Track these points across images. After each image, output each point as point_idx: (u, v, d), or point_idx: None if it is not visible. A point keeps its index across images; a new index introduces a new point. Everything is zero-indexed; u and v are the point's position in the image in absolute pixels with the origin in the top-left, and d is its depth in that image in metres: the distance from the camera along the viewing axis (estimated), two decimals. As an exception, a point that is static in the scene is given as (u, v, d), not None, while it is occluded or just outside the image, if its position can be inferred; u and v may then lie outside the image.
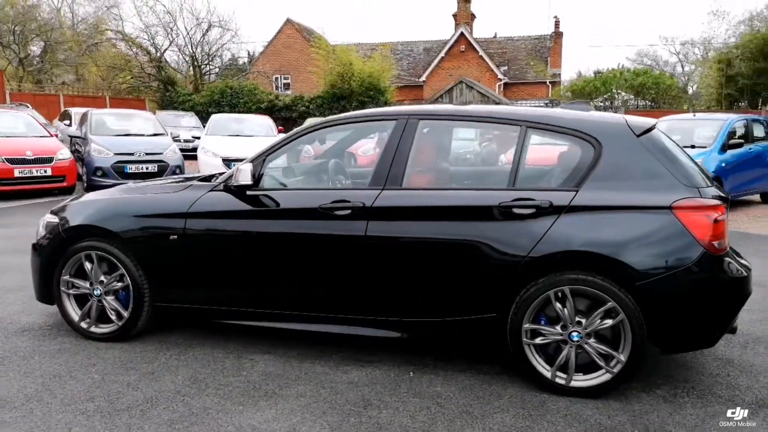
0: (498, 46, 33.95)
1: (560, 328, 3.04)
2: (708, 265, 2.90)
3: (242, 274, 3.53)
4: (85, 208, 3.83)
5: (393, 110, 3.56)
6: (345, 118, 3.65)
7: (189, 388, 3.16)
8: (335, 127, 3.69)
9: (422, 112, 3.43)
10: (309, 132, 3.60)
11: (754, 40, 19.25)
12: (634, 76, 22.86)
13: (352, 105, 23.54)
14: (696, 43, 40.69)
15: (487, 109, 3.60)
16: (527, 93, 31.41)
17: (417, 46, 36.53)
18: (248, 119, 14.47)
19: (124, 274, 3.67)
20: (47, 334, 3.92)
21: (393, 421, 2.83)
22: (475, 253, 3.11)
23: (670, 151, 3.12)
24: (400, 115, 3.43)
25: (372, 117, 3.72)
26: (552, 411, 2.92)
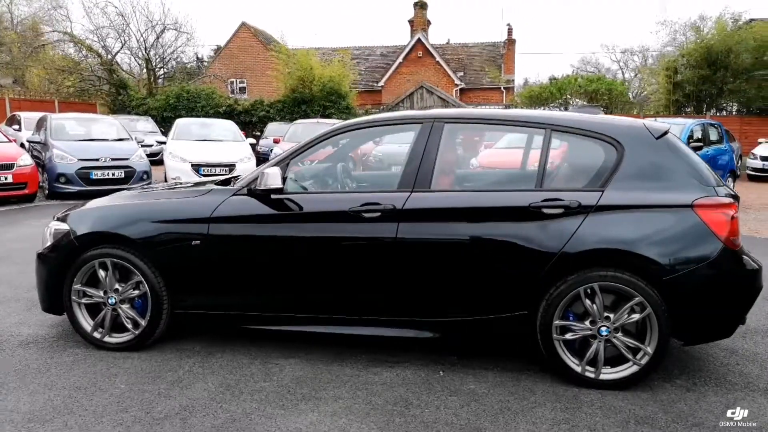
0: (453, 52, 34.49)
1: (589, 323, 3.16)
2: (727, 260, 3.08)
3: (270, 279, 3.50)
4: (100, 215, 3.72)
5: (417, 114, 3.63)
6: (369, 122, 3.68)
7: (223, 395, 3.12)
8: (360, 130, 3.72)
9: (447, 116, 3.51)
10: (334, 135, 3.61)
11: (698, 49, 20.30)
12: (588, 82, 23.72)
13: (313, 109, 23.42)
14: (635, 51, 42.55)
15: (511, 112, 3.70)
16: (483, 98, 32.00)
17: (374, 51, 36.70)
18: (214, 124, 14.22)
19: (141, 281, 3.58)
20: (55, 345, 3.78)
21: (438, 419, 2.88)
22: (507, 252, 3.20)
23: (685, 153, 3.30)
24: (426, 118, 3.49)
25: (397, 120, 3.76)
26: (586, 403, 3.03)
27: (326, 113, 23.04)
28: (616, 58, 59.01)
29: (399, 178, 3.43)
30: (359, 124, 3.67)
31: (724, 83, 19.78)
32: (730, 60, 19.71)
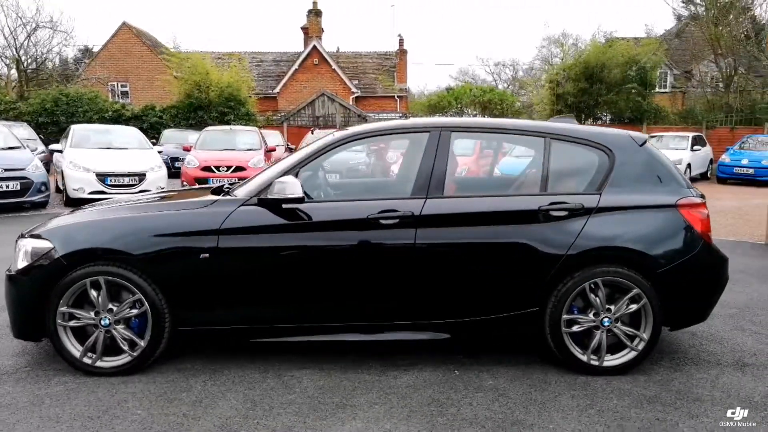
0: (348, 60, 34.86)
1: (593, 315, 3.46)
2: (706, 253, 3.52)
3: (284, 290, 3.44)
4: (92, 230, 3.44)
5: (424, 122, 3.74)
6: (376, 130, 3.73)
7: (254, 411, 3.04)
8: (367, 138, 3.76)
9: (455, 125, 3.66)
10: (343, 143, 3.63)
11: (577, 64, 22.25)
12: (482, 92, 25.09)
13: (210, 116, 22.60)
14: (507, 63, 45.75)
15: (512, 122, 3.92)
16: (377, 106, 32.63)
17: (266, 57, 36.10)
18: (116, 131, 13.31)
19: (140, 299, 3.37)
20: (35, 375, 3.44)
21: (477, 415, 3.01)
22: (520, 253, 3.42)
23: (663, 158, 3.71)
24: (433, 127, 3.62)
25: (407, 129, 3.84)
26: (598, 389, 3.31)
27: (225, 120, 22.35)
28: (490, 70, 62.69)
29: (412, 185, 3.53)
30: (371, 132, 3.71)
31: (599, 95, 21.81)
32: (604, 74, 21.78)
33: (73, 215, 3.74)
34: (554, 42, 30.28)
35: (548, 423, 2.93)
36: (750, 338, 4.14)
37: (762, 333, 4.25)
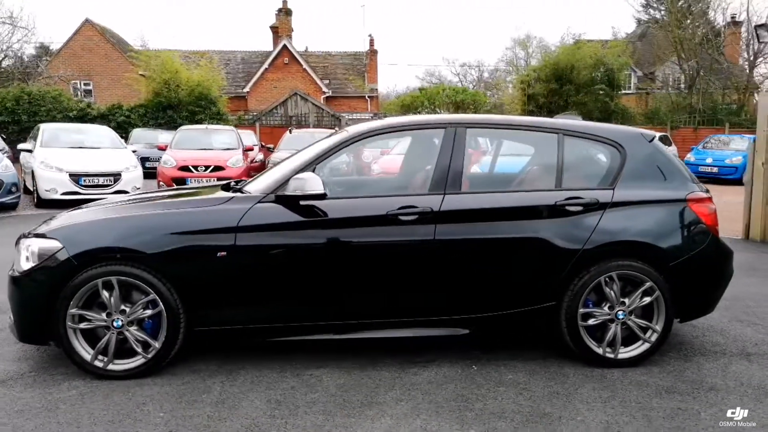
0: (318, 60, 34.68)
1: (608, 308, 3.51)
2: (714, 246, 3.62)
3: (304, 287, 3.40)
4: (103, 229, 3.32)
5: (439, 119, 3.75)
6: (392, 126, 3.71)
7: (279, 411, 2.99)
8: (383, 135, 3.73)
9: (469, 121, 3.67)
10: (358, 139, 3.60)
11: (547, 66, 22.65)
12: (455, 93, 25.30)
13: (180, 115, 22.18)
14: (472, 65, 46.38)
15: (526, 119, 3.96)
16: (348, 106, 32.55)
17: (234, 55, 35.62)
18: (88, 130, 12.93)
19: (155, 299, 3.28)
20: (43, 380, 3.32)
21: (505, 409, 3.03)
22: (538, 248, 3.45)
23: (670, 154, 3.80)
24: (449, 123, 3.63)
25: (422, 125, 3.83)
26: (616, 381, 3.37)
27: (196, 119, 21.97)
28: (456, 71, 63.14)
29: (430, 181, 3.52)
30: (381, 129, 3.69)
31: (569, 96, 22.24)
32: (573, 76, 22.22)
33: (79, 214, 3.61)
34: (519, 44, 30.92)
35: (575, 415, 2.96)
36: (748, 329, 4.28)
37: (759, 324, 4.39)
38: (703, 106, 22.52)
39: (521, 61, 45.37)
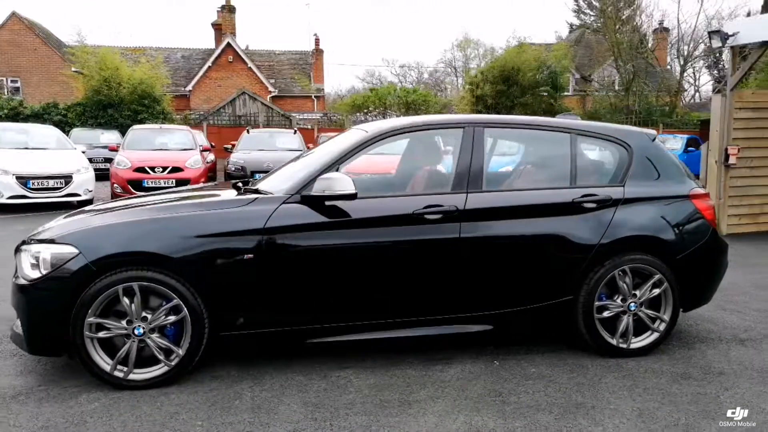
0: (263, 59, 34.09)
1: (620, 300, 3.67)
2: (714, 240, 3.85)
3: (333, 288, 3.37)
4: (123, 232, 3.17)
5: (458, 118, 3.78)
6: (413, 126, 3.72)
7: (320, 413, 2.95)
8: (403, 134, 3.72)
9: (486, 121, 3.73)
10: (379, 139, 3.58)
11: (495, 68, 23.19)
12: (406, 93, 25.48)
13: (122, 114, 21.31)
14: (412, 66, 47.06)
15: (539, 119, 4.04)
16: (294, 106, 32.18)
17: (173, 53, 34.50)
18: (32, 130, 12.18)
19: (179, 304, 3.17)
20: (56, 394, 3.14)
21: (539, 401, 3.11)
22: (558, 243, 3.56)
23: (670, 153, 4.00)
24: (467, 123, 3.68)
25: (443, 124, 3.84)
26: (633, 370, 3.52)
27: (138, 118, 21.16)
28: (396, 72, 63.55)
29: (452, 180, 3.56)
30: (402, 129, 3.69)
31: (515, 97, 22.86)
32: (519, 77, 22.86)
33: (89, 218, 3.43)
34: (458, 46, 31.48)
35: (607, 404, 3.08)
36: (734, 316, 4.56)
37: (742, 311, 4.69)
38: (639, 107, 23.69)
39: (459, 63, 46.41)
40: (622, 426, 2.85)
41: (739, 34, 7.66)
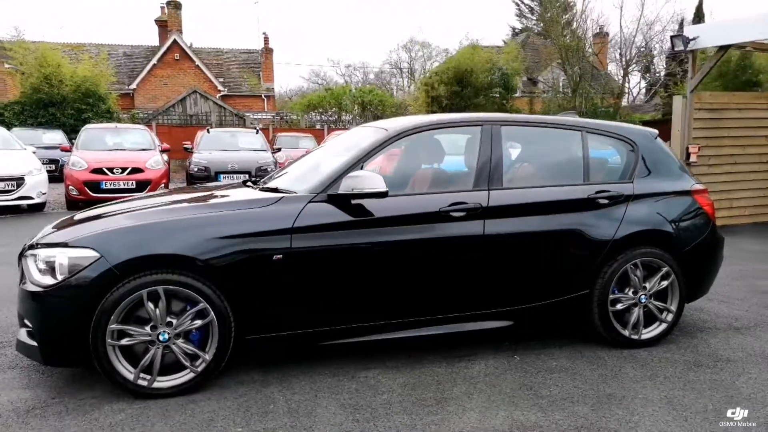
0: (210, 57, 33.27)
1: (632, 293, 3.79)
2: (714, 233, 4.03)
3: (359, 288, 3.32)
4: (148, 234, 3.02)
5: (475, 117, 3.80)
6: (432, 123, 3.71)
7: (360, 414, 2.91)
8: (422, 132, 3.70)
9: (502, 119, 3.77)
10: (401, 136, 3.55)
11: (449, 69, 23.50)
12: (362, 93, 25.44)
13: (65, 113, 20.34)
14: (357, 66, 47.24)
15: (551, 117, 4.11)
16: (244, 106, 31.57)
17: (115, 50, 33.18)
18: (-25, 129, 11.46)
19: (205, 308, 3.05)
20: (75, 407, 2.96)
21: (570, 393, 3.17)
22: (576, 239, 3.64)
23: (670, 151, 4.16)
24: (485, 121, 3.71)
25: (462, 122, 3.83)
26: (648, 360, 3.64)
27: (83, 118, 20.25)
28: (341, 72, 63.36)
29: (473, 177, 3.59)
30: (426, 125, 3.68)
31: (469, 98, 23.25)
32: (472, 79, 23.26)
33: (109, 220, 3.24)
34: (403, 47, 31.77)
35: (635, 394, 3.17)
36: (722, 306, 4.80)
37: (728, 302, 4.93)
38: (586, 109, 24.52)
39: (405, 64, 46.76)
40: (656, 414, 2.94)
41: (699, 38, 8.07)
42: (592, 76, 25.54)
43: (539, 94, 27.81)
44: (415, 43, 37.80)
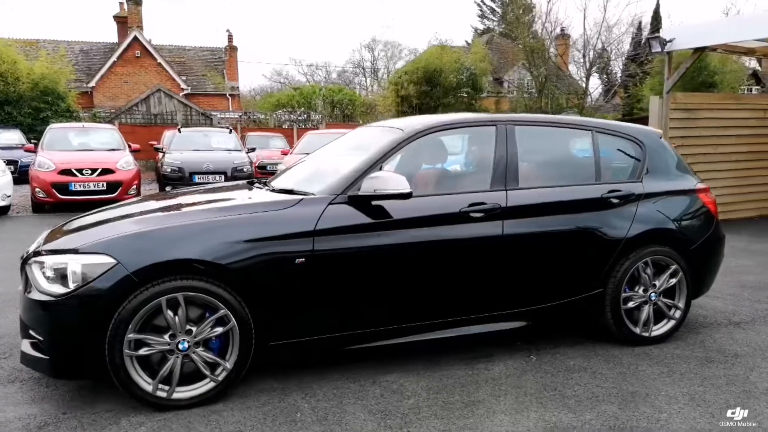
0: (172, 55, 32.48)
1: (642, 291, 3.84)
2: (718, 231, 4.12)
3: (380, 291, 3.25)
4: (168, 238, 2.87)
5: (490, 117, 3.77)
6: (449, 123, 3.66)
7: (392, 421, 2.85)
8: (440, 132, 3.64)
9: (515, 119, 3.76)
10: (418, 136, 3.49)
11: (418, 69, 23.55)
12: (332, 92, 25.24)
13: (21, 112, 19.53)
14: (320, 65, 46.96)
15: (562, 117, 4.12)
16: (208, 105, 30.92)
17: (71, 47, 32.06)
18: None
19: (226, 315, 2.94)
20: (90, 421, 2.81)
21: (595, 392, 3.18)
22: (591, 238, 3.66)
23: (674, 150, 4.23)
24: (499, 121, 3.69)
25: (478, 122, 3.78)
26: (660, 356, 3.69)
27: (41, 116, 19.50)
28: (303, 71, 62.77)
29: (490, 178, 3.56)
30: (444, 125, 3.63)
31: (438, 98, 23.36)
32: (442, 79, 23.38)
33: (114, 224, 3.09)
34: (366, 47, 31.82)
35: (657, 391, 3.20)
36: (717, 302, 4.91)
37: (721, 297, 5.06)
38: (551, 109, 24.98)
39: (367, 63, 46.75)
40: (683, 411, 2.98)
41: (675, 40, 8.28)
42: (557, 77, 26.05)
43: (505, 94, 28.18)
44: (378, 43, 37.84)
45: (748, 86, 30.02)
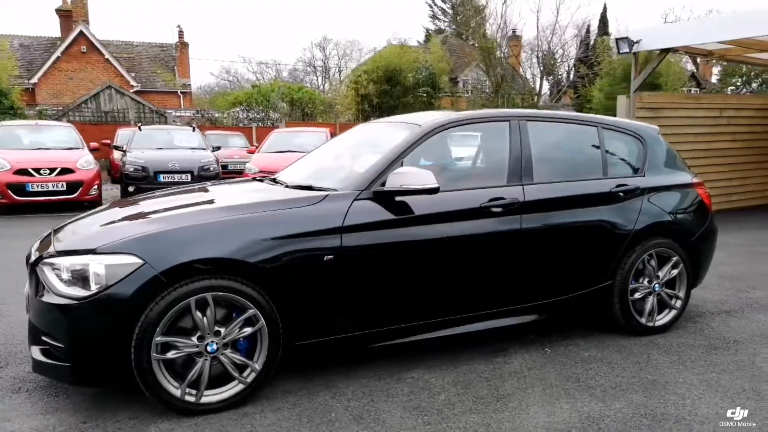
0: (119, 50, 31.30)
1: (647, 282, 3.95)
2: (712, 223, 4.28)
3: (405, 288, 3.22)
4: (195, 237, 2.75)
5: (503, 113, 3.79)
6: (465, 119, 3.65)
7: (428, 417, 2.83)
8: (456, 127, 3.62)
9: (527, 115, 3.79)
10: (435, 132, 3.47)
11: (378, 68, 23.56)
12: (292, 91, 24.90)
13: (-41, 109, 18.41)
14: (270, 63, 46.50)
15: (569, 114, 4.18)
16: (159, 102, 29.92)
17: (10, 40, 30.43)
18: None
19: (255, 314, 2.84)
20: (117, 429, 2.67)
21: (617, 382, 3.24)
22: (602, 231, 3.74)
23: (670, 146, 4.37)
24: (512, 116, 3.72)
25: (490, 118, 3.78)
26: (668, 346, 3.80)
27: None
28: (253, 69, 61.81)
29: (506, 173, 3.58)
30: (460, 120, 3.61)
31: (398, 97, 23.44)
32: (401, 78, 23.47)
33: (136, 223, 2.94)
34: (317, 45, 31.70)
35: (675, 379, 3.30)
36: (704, 292, 5.10)
37: (706, 287, 5.23)
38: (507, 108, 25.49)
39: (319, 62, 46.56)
40: (704, 397, 3.08)
41: (642, 41, 8.57)
42: (512, 78, 26.59)
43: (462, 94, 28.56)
44: (329, 41, 37.66)
45: (689, 88, 31.52)
